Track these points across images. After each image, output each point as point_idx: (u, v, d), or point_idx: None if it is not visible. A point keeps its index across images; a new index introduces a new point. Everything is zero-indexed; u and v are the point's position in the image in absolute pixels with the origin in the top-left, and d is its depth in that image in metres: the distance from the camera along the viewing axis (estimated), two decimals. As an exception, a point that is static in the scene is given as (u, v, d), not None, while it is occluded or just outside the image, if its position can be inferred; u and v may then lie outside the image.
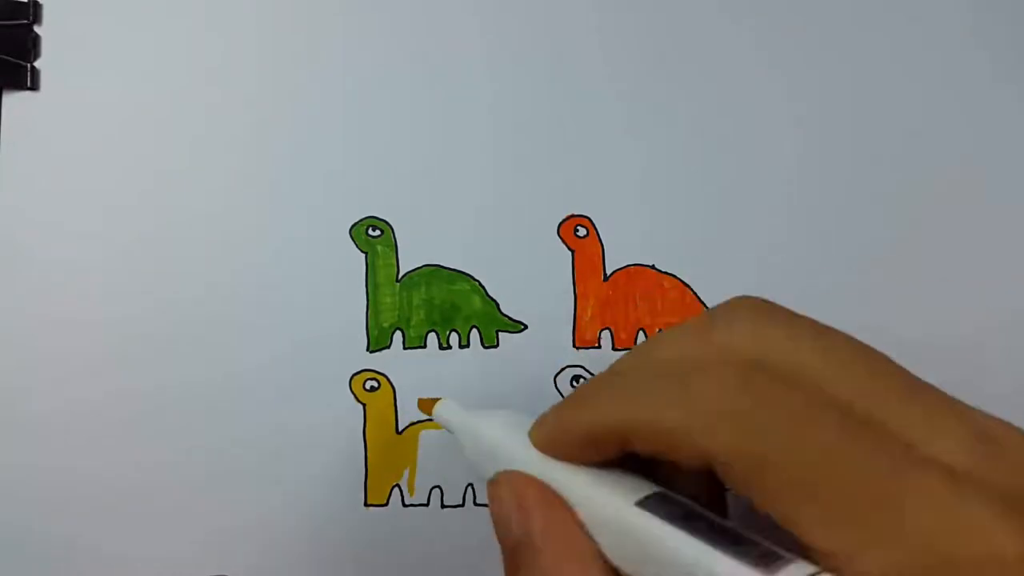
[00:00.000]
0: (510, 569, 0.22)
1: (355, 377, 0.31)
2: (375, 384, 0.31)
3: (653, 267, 0.32)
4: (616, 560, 0.20)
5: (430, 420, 0.31)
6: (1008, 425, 0.19)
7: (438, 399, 0.27)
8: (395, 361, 0.31)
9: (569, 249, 0.32)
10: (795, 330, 0.20)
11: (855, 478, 0.18)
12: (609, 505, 0.21)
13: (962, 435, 0.18)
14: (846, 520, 0.18)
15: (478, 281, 0.32)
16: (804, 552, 0.18)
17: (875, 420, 0.18)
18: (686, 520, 0.20)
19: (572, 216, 0.32)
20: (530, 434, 0.23)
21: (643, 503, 0.20)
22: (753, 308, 0.21)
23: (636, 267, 0.32)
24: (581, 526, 0.21)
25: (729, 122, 0.33)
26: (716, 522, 0.20)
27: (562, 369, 0.31)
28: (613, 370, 0.23)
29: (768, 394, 0.19)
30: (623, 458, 0.21)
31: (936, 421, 0.19)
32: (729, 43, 0.33)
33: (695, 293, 0.32)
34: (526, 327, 0.32)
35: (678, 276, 0.32)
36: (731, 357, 0.20)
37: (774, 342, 0.20)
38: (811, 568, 0.18)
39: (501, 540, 0.22)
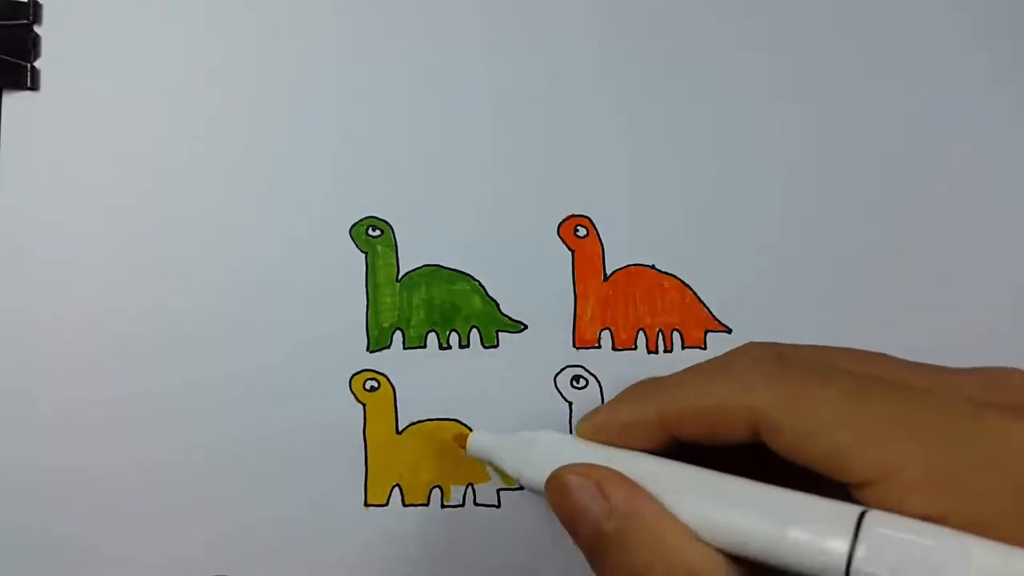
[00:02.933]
0: (596, 556, 0.22)
1: (355, 377, 0.31)
2: (375, 384, 0.31)
3: (653, 267, 0.32)
4: (705, 533, 0.21)
5: (429, 420, 0.31)
6: (1005, 368, 0.22)
7: (469, 432, 0.28)
8: (395, 361, 0.31)
9: (569, 249, 0.32)
10: (801, 346, 0.24)
11: (882, 405, 0.20)
12: (689, 474, 0.22)
13: (966, 380, 0.21)
14: (882, 439, 0.19)
15: (478, 281, 0.32)
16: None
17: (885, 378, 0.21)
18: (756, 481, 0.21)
19: (572, 216, 0.32)
20: (577, 428, 0.25)
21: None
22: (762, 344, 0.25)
23: (636, 267, 0.32)
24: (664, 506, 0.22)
25: (729, 122, 0.33)
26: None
27: (562, 369, 0.31)
28: (648, 380, 0.25)
29: (793, 361, 0.22)
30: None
31: (940, 376, 0.22)
32: (729, 44, 0.33)
33: (695, 293, 0.32)
34: (526, 327, 0.32)
35: (678, 276, 0.32)
36: (756, 353, 0.24)
37: (787, 348, 0.24)
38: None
39: (577, 530, 0.23)
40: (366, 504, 0.31)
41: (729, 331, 0.32)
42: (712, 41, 0.33)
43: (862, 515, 0.19)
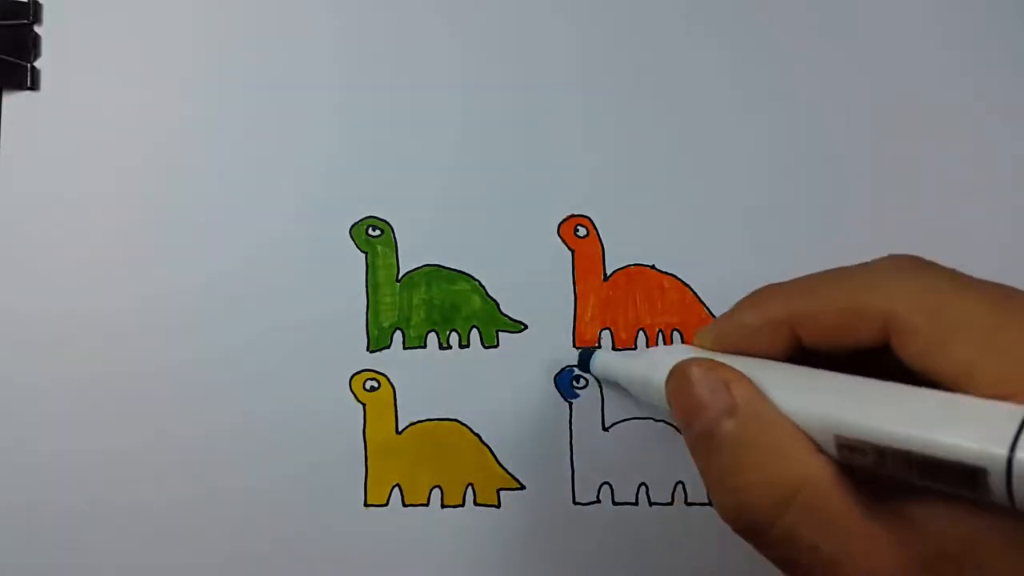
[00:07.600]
0: (704, 454, 0.22)
1: (355, 377, 0.31)
2: (375, 384, 0.31)
3: (653, 267, 0.32)
4: (825, 437, 0.20)
5: (429, 420, 0.31)
6: None
7: (595, 349, 0.30)
8: (395, 361, 0.31)
9: (569, 249, 0.32)
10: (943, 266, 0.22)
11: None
12: (819, 376, 0.21)
13: None
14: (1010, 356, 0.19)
15: (478, 281, 0.32)
16: None
17: None
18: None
19: (572, 216, 0.32)
20: (697, 338, 0.24)
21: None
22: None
23: (636, 267, 0.32)
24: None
25: (729, 122, 0.33)
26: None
27: (562, 369, 0.31)
28: (770, 286, 0.24)
29: (936, 271, 0.21)
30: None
31: None
32: (727, 44, 0.33)
33: (695, 293, 0.32)
34: (526, 327, 0.32)
35: (678, 276, 0.32)
36: (895, 261, 0.22)
37: (928, 262, 0.22)
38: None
39: (691, 424, 0.22)
40: (366, 504, 0.31)
41: (729, 331, 0.32)
42: (712, 42, 0.33)
43: None
